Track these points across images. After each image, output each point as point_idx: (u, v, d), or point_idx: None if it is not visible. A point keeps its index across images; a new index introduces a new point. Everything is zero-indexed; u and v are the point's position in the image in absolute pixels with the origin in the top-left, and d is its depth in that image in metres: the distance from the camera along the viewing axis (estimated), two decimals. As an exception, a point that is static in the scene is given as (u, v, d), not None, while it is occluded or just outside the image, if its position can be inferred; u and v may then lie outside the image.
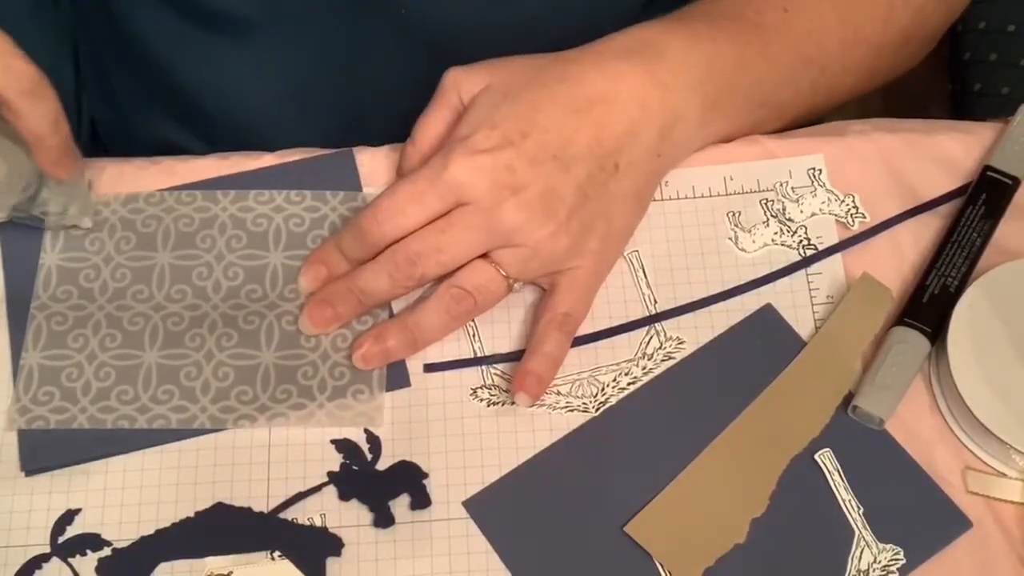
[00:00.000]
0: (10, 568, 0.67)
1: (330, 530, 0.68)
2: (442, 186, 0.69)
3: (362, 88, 0.85)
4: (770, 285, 0.74)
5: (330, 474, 0.69)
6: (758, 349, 0.72)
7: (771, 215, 0.76)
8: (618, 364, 0.72)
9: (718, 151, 0.78)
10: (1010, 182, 0.76)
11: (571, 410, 0.71)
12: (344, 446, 0.70)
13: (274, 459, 0.69)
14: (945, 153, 0.78)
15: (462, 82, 0.74)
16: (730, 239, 0.76)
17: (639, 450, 0.70)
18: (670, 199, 0.77)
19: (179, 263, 0.74)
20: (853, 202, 0.76)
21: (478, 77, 0.73)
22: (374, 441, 0.70)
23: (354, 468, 0.69)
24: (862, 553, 0.67)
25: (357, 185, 0.77)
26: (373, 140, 0.79)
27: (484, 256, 0.71)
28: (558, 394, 0.71)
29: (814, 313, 0.74)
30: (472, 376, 0.72)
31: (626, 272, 0.75)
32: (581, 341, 0.73)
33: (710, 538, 0.67)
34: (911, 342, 0.71)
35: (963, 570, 0.67)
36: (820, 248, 0.75)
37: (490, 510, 0.68)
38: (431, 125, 0.74)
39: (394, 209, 0.70)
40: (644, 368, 0.72)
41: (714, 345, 0.73)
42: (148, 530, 0.68)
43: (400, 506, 0.68)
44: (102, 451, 0.69)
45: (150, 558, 0.67)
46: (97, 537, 0.67)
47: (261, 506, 0.68)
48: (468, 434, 0.70)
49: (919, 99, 1.05)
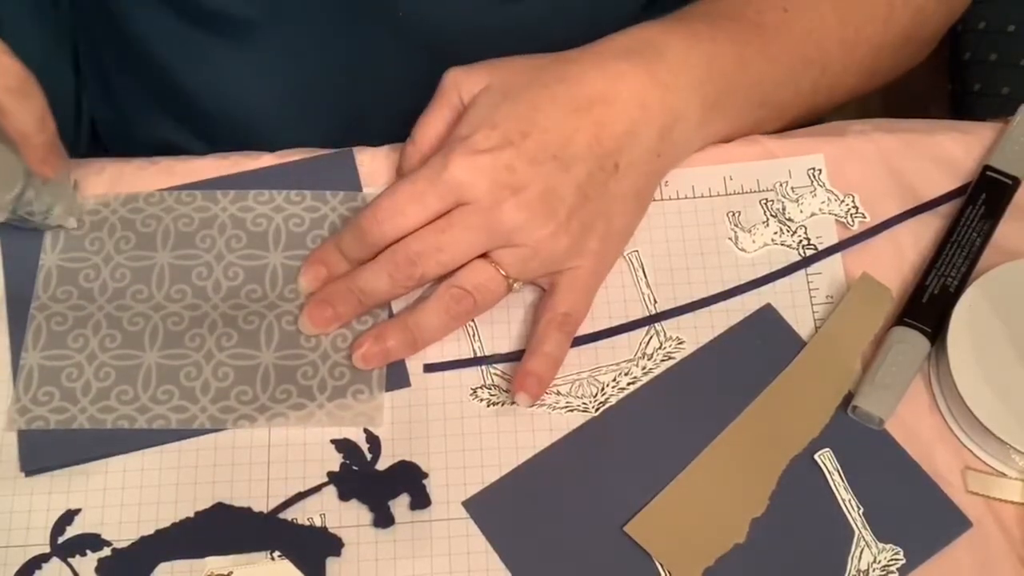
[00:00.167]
0: (10, 568, 0.66)
1: (330, 530, 0.68)
2: (442, 186, 0.69)
3: (362, 88, 0.85)
4: (770, 285, 0.74)
5: (330, 474, 0.69)
6: (758, 349, 0.72)
7: (771, 215, 0.76)
8: (618, 364, 0.72)
9: (718, 151, 0.78)
10: (1010, 182, 0.76)
11: (571, 410, 0.71)
12: (344, 446, 0.70)
13: (274, 459, 0.69)
14: (945, 153, 0.78)
15: (462, 82, 0.74)
16: (730, 239, 0.76)
17: (639, 450, 0.70)
18: (670, 199, 0.77)
19: (179, 263, 0.74)
20: (853, 202, 0.76)
21: (478, 77, 0.73)
22: (374, 441, 0.70)
23: (354, 468, 0.69)
24: (862, 553, 0.67)
25: (357, 185, 0.77)
26: (373, 140, 0.79)
27: (484, 256, 0.71)
28: (558, 394, 0.71)
29: (814, 313, 0.74)
30: (472, 376, 0.72)
31: (626, 272, 0.75)
32: (581, 341, 0.73)
33: (710, 538, 0.67)
34: (911, 342, 0.71)
35: (963, 570, 0.67)
36: (820, 248, 0.75)
37: (490, 510, 0.68)
38: (431, 125, 0.74)
39: (394, 209, 0.70)
40: (644, 368, 0.72)
41: (714, 345, 0.73)
42: (148, 530, 0.68)
43: (400, 506, 0.68)
44: (102, 451, 0.69)
45: (150, 558, 0.67)
46: (97, 537, 0.67)
47: (261, 506, 0.68)
48: (468, 434, 0.70)
49: (919, 99, 1.05)
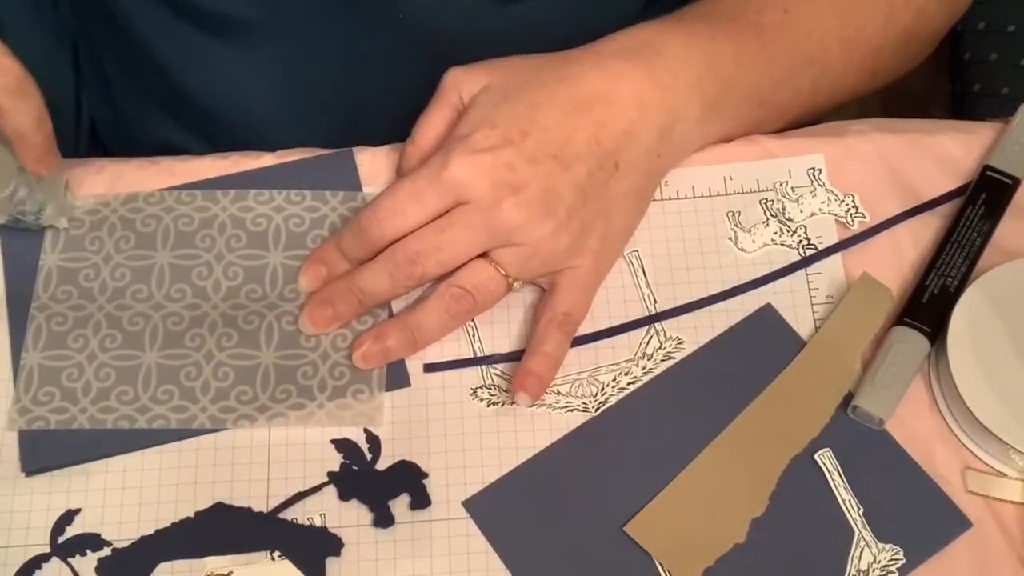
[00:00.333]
0: (10, 568, 0.66)
1: (330, 530, 0.68)
2: (442, 185, 0.69)
3: (362, 88, 0.85)
4: (770, 285, 0.74)
5: (330, 474, 0.69)
6: (758, 349, 0.72)
7: (771, 215, 0.76)
8: (618, 364, 0.72)
9: (718, 151, 0.78)
10: (1010, 182, 0.76)
11: (571, 410, 0.71)
12: (344, 446, 0.70)
13: (274, 459, 0.69)
14: (945, 153, 0.78)
15: (462, 82, 0.74)
16: (730, 239, 0.76)
17: (639, 450, 0.70)
18: (670, 199, 0.77)
19: (179, 262, 0.74)
20: (853, 202, 0.76)
21: (478, 77, 0.73)
22: (374, 441, 0.70)
23: (354, 468, 0.69)
24: (862, 553, 0.67)
25: (357, 185, 0.77)
26: (373, 140, 0.79)
27: (484, 255, 0.71)
28: (558, 394, 0.71)
29: (814, 313, 0.74)
30: (472, 376, 0.72)
31: (626, 272, 0.75)
32: (581, 341, 0.73)
33: (710, 538, 0.67)
34: (911, 342, 0.71)
35: (963, 570, 0.67)
36: (820, 248, 0.75)
37: (490, 510, 0.68)
38: (431, 125, 0.74)
39: (394, 208, 0.70)
40: (644, 368, 0.72)
41: (714, 345, 0.73)
42: (148, 530, 0.68)
43: (400, 506, 0.68)
44: (102, 451, 0.69)
45: (150, 558, 0.67)
46: (97, 537, 0.67)
47: (261, 506, 0.68)
48: (468, 434, 0.70)
49: (919, 99, 1.05)
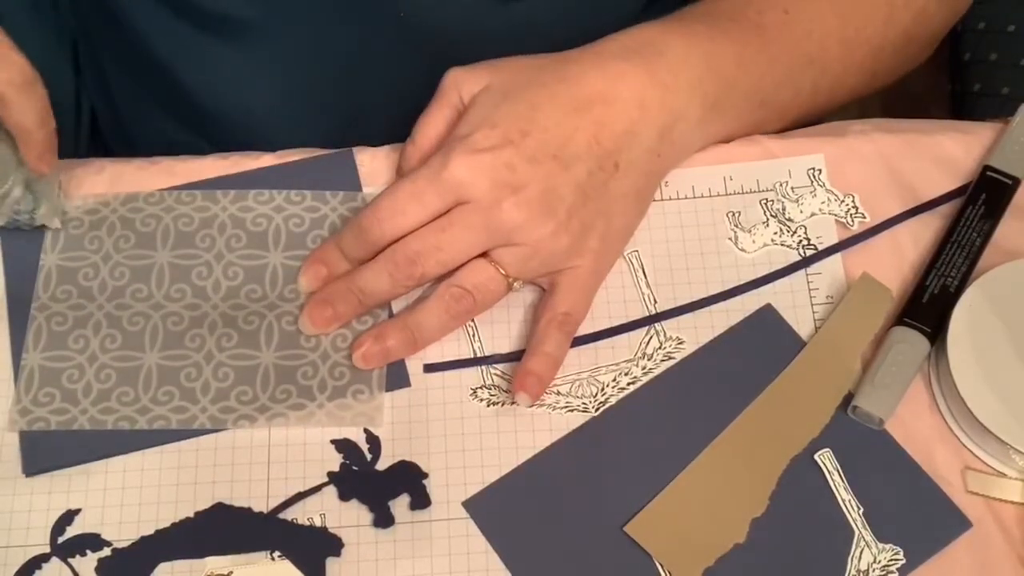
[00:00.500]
0: (10, 568, 0.66)
1: (330, 530, 0.68)
2: (442, 185, 0.69)
3: (362, 88, 0.85)
4: (770, 285, 0.74)
5: (330, 474, 0.69)
6: (758, 349, 0.72)
7: (771, 215, 0.76)
8: (618, 364, 0.72)
9: (718, 151, 0.78)
10: (1010, 182, 0.76)
11: (571, 410, 0.71)
12: (344, 446, 0.70)
13: (274, 459, 0.69)
14: (945, 153, 0.78)
15: (463, 82, 0.74)
16: (730, 239, 0.76)
17: (639, 450, 0.70)
18: (670, 199, 0.77)
19: (178, 262, 0.74)
20: (853, 202, 0.76)
21: (479, 77, 0.73)
22: (374, 441, 0.70)
23: (354, 468, 0.69)
24: (862, 553, 0.67)
25: (357, 185, 0.77)
26: (373, 140, 0.79)
27: (484, 255, 0.71)
28: (558, 394, 0.71)
29: (814, 313, 0.74)
30: (472, 376, 0.72)
31: (626, 272, 0.75)
32: (581, 341, 0.73)
33: (710, 538, 0.67)
34: (911, 342, 0.71)
35: (963, 570, 0.67)
36: (820, 248, 0.75)
37: (490, 510, 0.68)
38: (431, 125, 0.74)
39: (394, 208, 0.70)
40: (644, 368, 0.72)
41: (714, 345, 0.73)
42: (148, 530, 0.68)
43: (400, 506, 0.68)
44: (102, 452, 0.69)
45: (150, 558, 0.67)
46: (97, 537, 0.67)
47: (261, 506, 0.68)
48: (468, 434, 0.70)
49: (919, 99, 1.05)
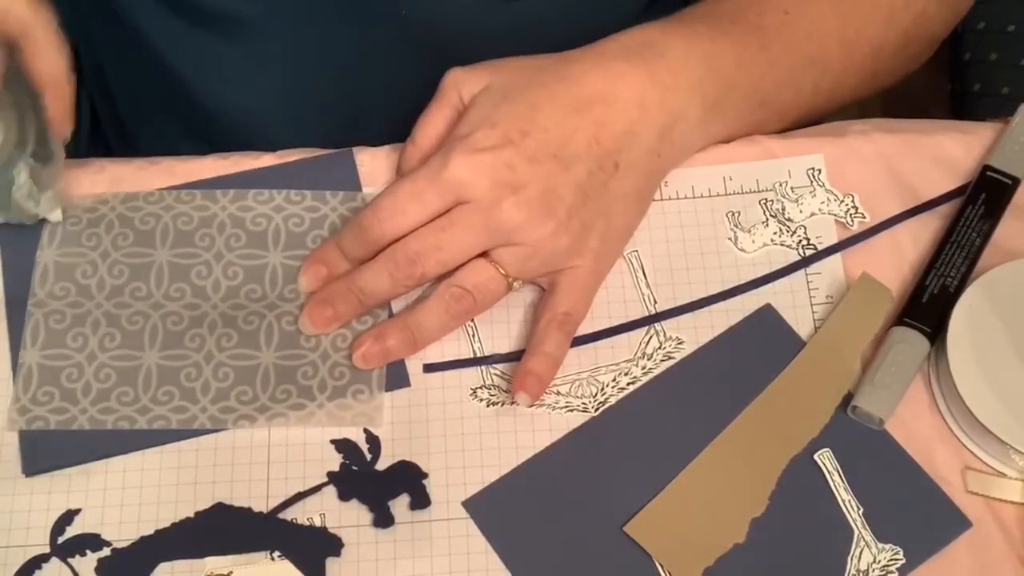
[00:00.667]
0: (10, 568, 0.66)
1: (330, 530, 0.68)
2: (442, 184, 0.69)
3: (362, 88, 0.85)
4: (770, 285, 0.74)
5: (330, 474, 0.69)
6: (758, 349, 0.72)
7: (771, 215, 0.76)
8: (618, 364, 0.72)
9: (718, 151, 0.78)
10: (1010, 182, 0.76)
11: (571, 410, 0.71)
12: (344, 446, 0.70)
13: (274, 459, 0.69)
14: (945, 153, 0.78)
15: (463, 82, 0.74)
16: (730, 239, 0.76)
17: (639, 450, 0.70)
18: (670, 199, 0.77)
19: (178, 261, 0.74)
20: (853, 202, 0.76)
21: (479, 77, 0.73)
22: (374, 441, 0.70)
23: (354, 468, 0.69)
24: (862, 553, 0.67)
25: (357, 185, 0.77)
26: (373, 140, 0.79)
27: (484, 255, 0.71)
28: (558, 394, 0.71)
29: (814, 313, 0.74)
30: (472, 376, 0.72)
31: (626, 272, 0.75)
32: (581, 341, 0.73)
33: (710, 538, 0.67)
34: (911, 342, 0.71)
35: (963, 570, 0.67)
36: (820, 248, 0.75)
37: (490, 510, 0.68)
38: (431, 125, 0.74)
39: (394, 208, 0.70)
40: (644, 368, 0.72)
41: (714, 345, 0.73)
42: (148, 530, 0.68)
43: (400, 506, 0.68)
44: (103, 453, 0.69)
45: (150, 558, 0.67)
46: (97, 537, 0.67)
47: (261, 506, 0.68)
48: (468, 434, 0.70)
49: (919, 99, 1.05)
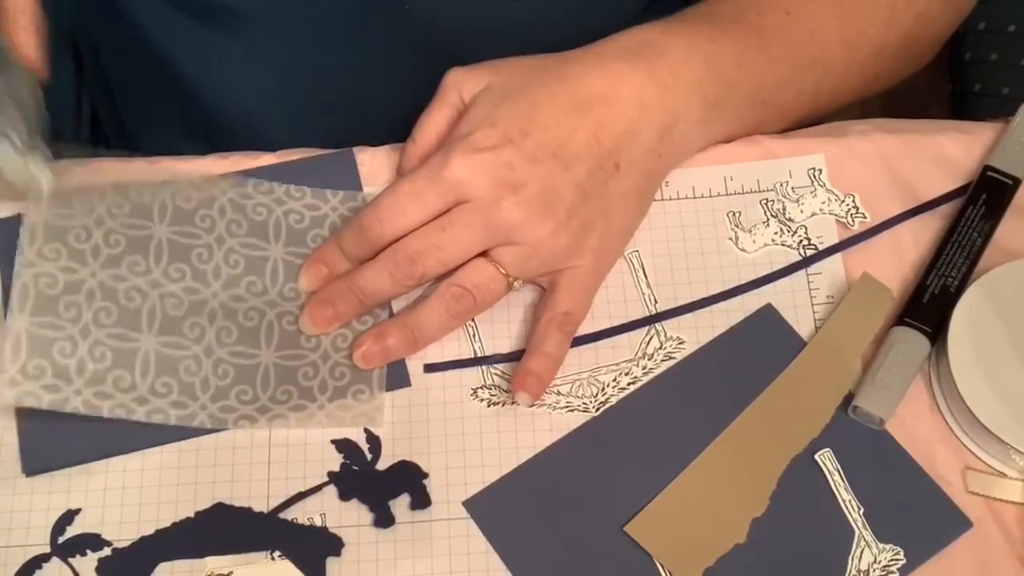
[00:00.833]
0: (10, 568, 0.66)
1: (330, 530, 0.68)
2: (442, 184, 0.69)
3: (362, 87, 0.85)
4: (770, 285, 0.74)
5: (330, 474, 0.69)
6: (758, 349, 0.72)
7: (771, 215, 0.76)
8: (618, 364, 0.72)
9: (718, 151, 0.78)
10: (1010, 182, 0.76)
11: (571, 410, 0.71)
12: (344, 446, 0.70)
13: (274, 459, 0.69)
14: (945, 153, 0.78)
15: (463, 82, 0.74)
16: (730, 239, 0.76)
17: (639, 450, 0.70)
18: (670, 199, 0.77)
19: (178, 239, 0.73)
20: (853, 202, 0.76)
21: (479, 77, 0.73)
22: (374, 441, 0.70)
23: (354, 468, 0.69)
24: (862, 553, 0.67)
25: (357, 185, 0.77)
26: (373, 140, 0.79)
27: (484, 254, 0.71)
28: (558, 394, 0.71)
29: (814, 313, 0.74)
30: (472, 376, 0.72)
31: (626, 272, 0.75)
32: (581, 341, 0.73)
33: (710, 538, 0.67)
34: (911, 342, 0.71)
35: (963, 570, 0.67)
36: (820, 248, 0.75)
37: (490, 510, 0.68)
38: (432, 125, 0.74)
39: (394, 208, 0.70)
40: (644, 368, 0.72)
41: (714, 345, 0.73)
42: (148, 530, 0.68)
43: (400, 506, 0.68)
44: (103, 452, 0.69)
45: (150, 558, 0.67)
46: (97, 537, 0.67)
47: (261, 506, 0.68)
48: (468, 434, 0.70)
49: (919, 99, 1.05)
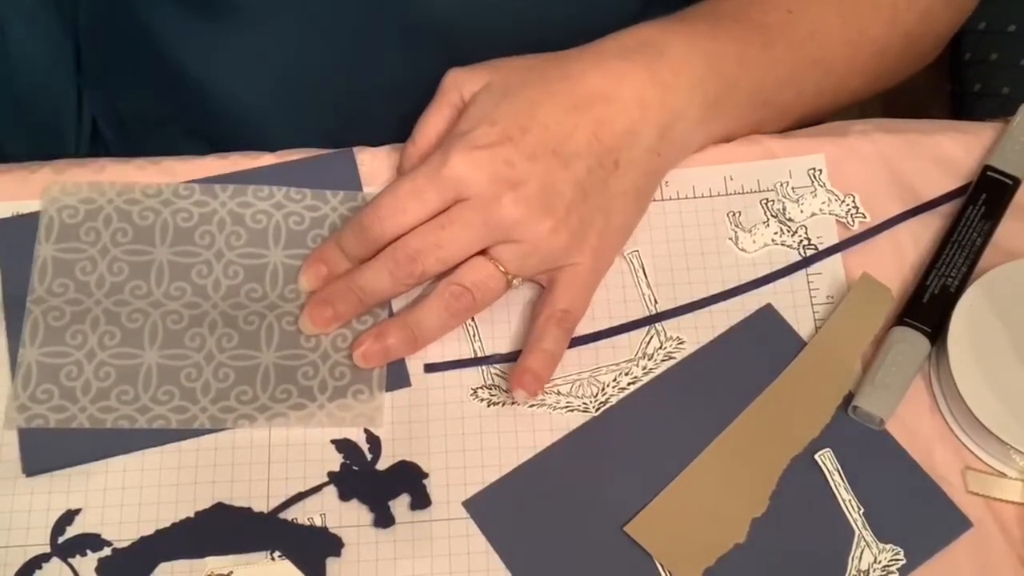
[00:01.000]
0: (10, 568, 0.66)
1: (330, 530, 0.68)
2: (441, 181, 0.69)
3: (362, 87, 0.85)
4: (770, 285, 0.74)
5: (330, 474, 0.69)
6: (758, 349, 0.72)
7: (771, 215, 0.76)
8: (618, 364, 0.72)
9: (718, 151, 0.78)
10: (1010, 182, 0.76)
11: (571, 410, 0.71)
12: (344, 446, 0.70)
13: (274, 459, 0.69)
14: (945, 153, 0.78)
15: (463, 82, 0.74)
16: (730, 239, 0.76)
17: (639, 450, 0.70)
18: (670, 199, 0.77)
19: (178, 260, 0.74)
20: (853, 202, 0.76)
21: (479, 76, 0.73)
22: (374, 441, 0.70)
23: (354, 468, 0.69)
24: (862, 553, 0.67)
25: (357, 185, 0.77)
26: (373, 140, 0.79)
27: (484, 253, 0.71)
28: (558, 394, 0.71)
29: (814, 313, 0.74)
30: (472, 376, 0.72)
31: (626, 272, 0.75)
32: (581, 341, 0.73)
33: (710, 538, 0.67)
34: (911, 342, 0.71)
35: (963, 570, 0.67)
36: (820, 248, 0.75)
37: (490, 510, 0.68)
38: (432, 124, 0.74)
39: (394, 206, 0.70)
40: (644, 368, 0.72)
41: (714, 345, 0.73)
42: (148, 530, 0.68)
43: (400, 506, 0.68)
44: (103, 452, 0.69)
45: (150, 558, 0.67)
46: (97, 537, 0.67)
47: (261, 506, 0.68)
48: (468, 434, 0.70)
49: (919, 99, 1.05)
